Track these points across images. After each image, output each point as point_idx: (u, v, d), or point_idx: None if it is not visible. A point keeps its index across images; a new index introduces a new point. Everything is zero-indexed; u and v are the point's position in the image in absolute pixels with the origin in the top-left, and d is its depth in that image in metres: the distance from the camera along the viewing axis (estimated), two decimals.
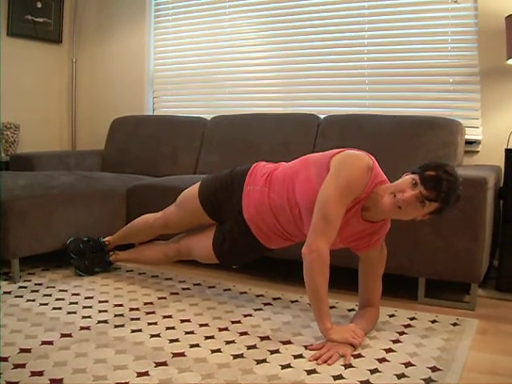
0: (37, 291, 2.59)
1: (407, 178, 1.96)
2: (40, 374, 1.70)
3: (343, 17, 3.75)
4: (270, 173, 2.33)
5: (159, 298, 2.55)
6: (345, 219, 2.04)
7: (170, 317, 2.29)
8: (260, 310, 2.43)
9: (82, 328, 2.12)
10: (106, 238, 2.96)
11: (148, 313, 2.33)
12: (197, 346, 1.98)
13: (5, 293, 2.53)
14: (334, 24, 3.79)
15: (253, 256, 2.50)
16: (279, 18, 3.98)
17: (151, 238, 2.83)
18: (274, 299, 2.59)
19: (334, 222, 1.98)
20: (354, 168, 2.00)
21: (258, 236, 2.35)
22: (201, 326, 2.19)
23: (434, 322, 2.31)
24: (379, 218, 2.08)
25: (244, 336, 2.09)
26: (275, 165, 2.40)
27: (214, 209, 2.47)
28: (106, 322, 2.20)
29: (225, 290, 2.72)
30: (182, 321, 2.25)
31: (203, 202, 2.49)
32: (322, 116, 3.58)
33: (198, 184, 2.57)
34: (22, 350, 1.87)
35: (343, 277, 2.67)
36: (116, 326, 2.15)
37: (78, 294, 2.56)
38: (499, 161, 2.99)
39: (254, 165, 2.44)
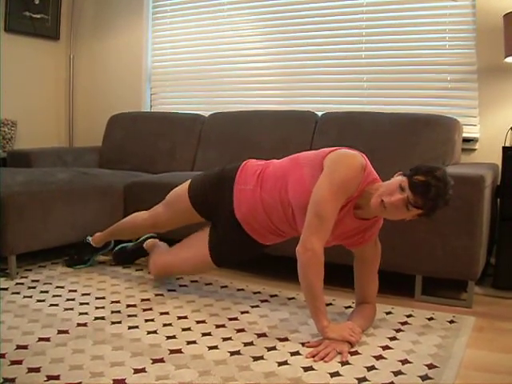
0: (34, 288, 2.58)
1: (397, 180, 1.95)
2: (37, 370, 1.69)
3: (341, 14, 3.75)
4: (260, 172, 2.32)
5: (156, 295, 2.55)
6: (338, 218, 2.04)
7: (167, 313, 2.29)
8: (257, 307, 2.43)
9: (78, 324, 2.12)
10: (96, 234, 2.97)
11: (145, 309, 2.33)
12: (194, 342, 1.98)
13: (2, 289, 2.53)
14: (332, 21, 3.78)
15: (249, 253, 2.51)
16: (277, 15, 3.98)
17: (141, 235, 2.90)
18: (271, 296, 2.60)
19: (328, 221, 1.98)
20: (348, 167, 2.00)
21: (252, 233, 2.35)
22: (198, 322, 2.20)
23: (430, 319, 2.31)
24: (371, 215, 2.09)
25: (241, 333, 2.10)
26: (266, 162, 2.39)
27: (204, 208, 2.47)
28: (102, 318, 2.20)
29: (222, 287, 2.72)
30: (179, 317, 2.25)
31: (193, 201, 2.48)
32: (319, 113, 3.58)
33: (187, 183, 2.55)
34: (19, 347, 1.87)
35: (340, 274, 2.67)
36: (113, 323, 2.15)
37: (75, 291, 2.56)
38: (497, 159, 2.99)
39: (244, 163, 2.43)
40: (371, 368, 1.80)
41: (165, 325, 2.15)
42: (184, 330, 2.11)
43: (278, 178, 2.23)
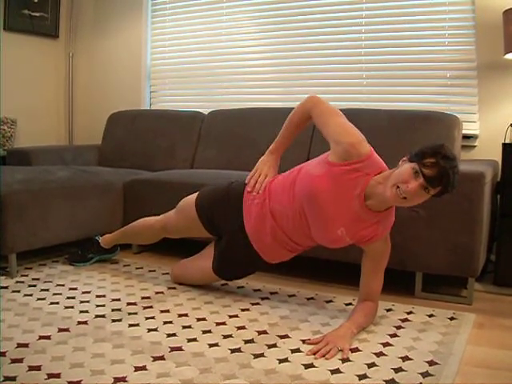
0: (34, 286, 2.58)
1: (407, 167, 1.96)
2: (38, 368, 1.70)
3: (341, 11, 3.74)
4: (267, 185, 2.34)
5: (157, 293, 2.55)
6: (352, 213, 2.07)
7: (167, 311, 2.29)
8: (257, 304, 2.43)
9: (79, 322, 2.12)
10: (104, 236, 2.97)
11: (145, 307, 2.33)
12: (194, 340, 1.98)
13: (2, 287, 2.53)
14: (331, 18, 3.79)
15: (253, 269, 2.53)
16: (277, 13, 3.98)
17: (152, 240, 2.81)
18: (272, 293, 2.60)
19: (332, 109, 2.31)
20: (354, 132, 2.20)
21: (260, 250, 2.36)
22: (198, 320, 2.20)
23: (431, 316, 2.32)
24: (382, 207, 2.09)
25: (241, 330, 2.10)
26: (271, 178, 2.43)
27: (209, 221, 2.48)
28: (103, 316, 2.20)
29: (222, 284, 2.72)
30: (180, 315, 2.25)
31: (199, 213, 2.49)
32: None
33: (196, 194, 2.57)
34: (20, 345, 1.87)
35: (341, 271, 2.68)
36: (113, 321, 2.15)
37: (75, 289, 2.55)
38: (496, 155, 2.99)
39: None
40: (372, 365, 1.80)
41: (165, 322, 2.15)
42: (184, 327, 2.11)
43: (286, 185, 2.26)
